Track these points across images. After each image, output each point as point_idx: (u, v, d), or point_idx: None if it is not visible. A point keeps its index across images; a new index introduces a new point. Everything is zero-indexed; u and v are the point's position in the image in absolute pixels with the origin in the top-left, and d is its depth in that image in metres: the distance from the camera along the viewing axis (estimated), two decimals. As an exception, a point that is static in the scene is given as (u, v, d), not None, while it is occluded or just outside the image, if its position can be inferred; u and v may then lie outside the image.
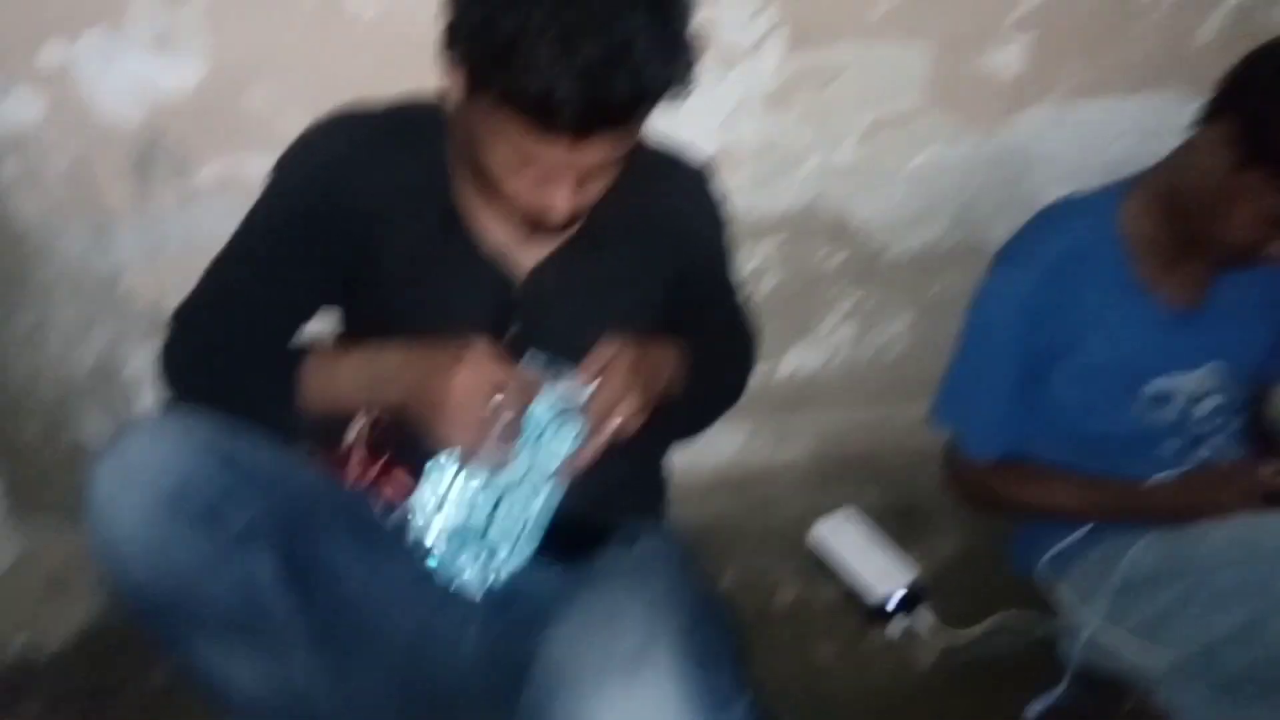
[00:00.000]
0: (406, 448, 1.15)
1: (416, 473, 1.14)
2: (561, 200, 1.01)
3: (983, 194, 1.63)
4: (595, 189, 1.04)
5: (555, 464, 1.07)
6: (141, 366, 1.51)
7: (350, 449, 1.21)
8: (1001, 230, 1.63)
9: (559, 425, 1.07)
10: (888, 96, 1.52)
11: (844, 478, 1.80)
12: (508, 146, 0.98)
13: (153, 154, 1.36)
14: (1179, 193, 1.29)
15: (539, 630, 1.04)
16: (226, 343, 1.13)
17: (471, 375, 1.02)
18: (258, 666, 1.03)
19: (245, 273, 1.16)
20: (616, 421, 1.07)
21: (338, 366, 1.10)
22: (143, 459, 0.94)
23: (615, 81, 0.92)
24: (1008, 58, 1.52)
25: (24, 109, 1.30)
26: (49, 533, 1.57)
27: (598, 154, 0.98)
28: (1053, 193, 1.53)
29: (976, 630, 1.51)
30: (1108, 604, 1.35)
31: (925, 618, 1.53)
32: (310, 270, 1.15)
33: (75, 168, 1.35)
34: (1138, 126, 1.60)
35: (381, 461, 1.16)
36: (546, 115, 0.93)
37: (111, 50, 1.28)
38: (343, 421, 1.15)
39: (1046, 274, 1.34)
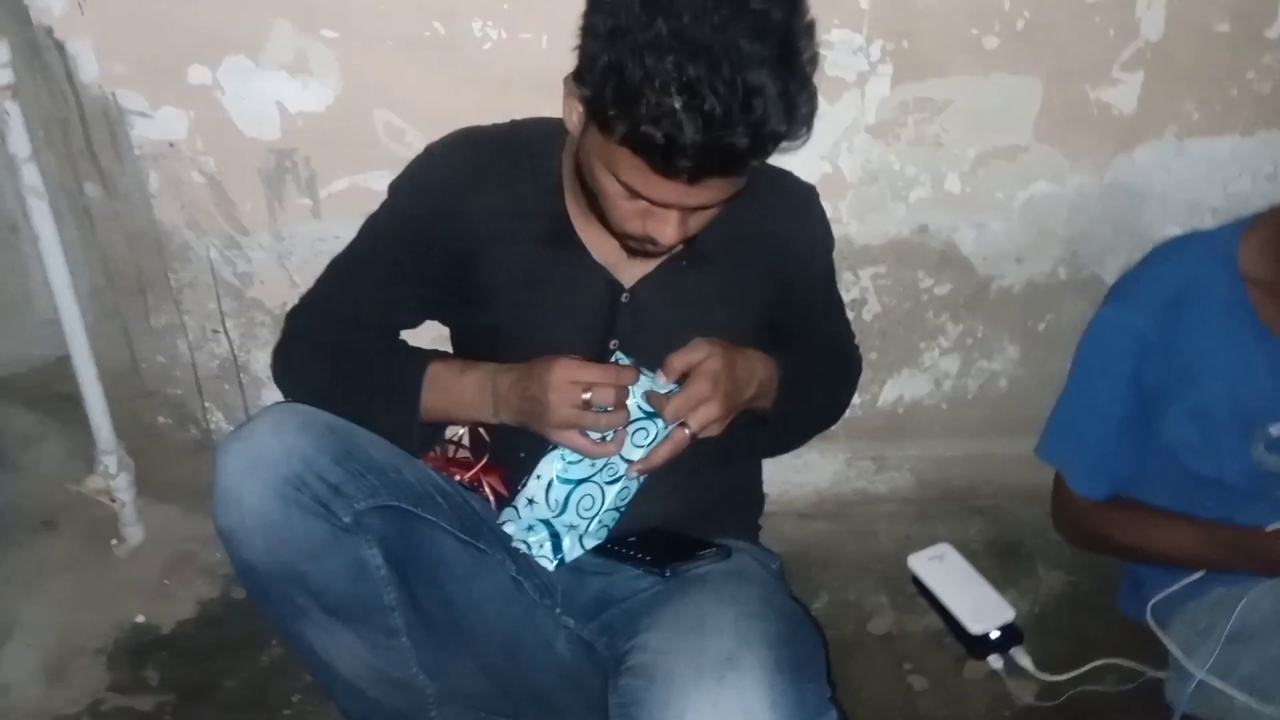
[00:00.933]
0: (505, 451, 1.20)
1: (512, 473, 1.19)
2: (668, 233, 1.04)
3: (1094, 229, 1.60)
4: (697, 225, 1.07)
5: (632, 459, 1.10)
6: (264, 366, 1.58)
7: (452, 448, 1.26)
8: (1113, 266, 1.62)
9: (641, 423, 1.09)
10: (997, 130, 1.50)
11: (943, 511, 1.78)
12: (622, 180, 1.01)
13: (284, 169, 1.44)
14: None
15: (627, 634, 1.07)
16: (337, 344, 1.19)
17: (561, 374, 1.05)
18: (359, 652, 1.08)
19: (358, 279, 1.22)
20: (696, 425, 1.08)
21: (459, 382, 1.15)
22: (266, 447, 1.00)
23: (734, 134, 0.93)
24: (1121, 94, 1.49)
25: (171, 125, 1.40)
26: (172, 517, 1.67)
27: (708, 195, 1.01)
28: (1166, 230, 1.51)
29: (1075, 674, 1.47)
30: (1216, 654, 1.29)
31: (1021, 658, 1.49)
32: (419, 280, 1.21)
33: (214, 179, 1.44)
34: (1254, 166, 1.56)
35: (481, 463, 1.22)
36: (664, 160, 0.95)
37: (251, 74, 1.36)
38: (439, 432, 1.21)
39: (1162, 311, 1.31)
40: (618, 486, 1.12)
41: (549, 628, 1.18)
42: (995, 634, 1.49)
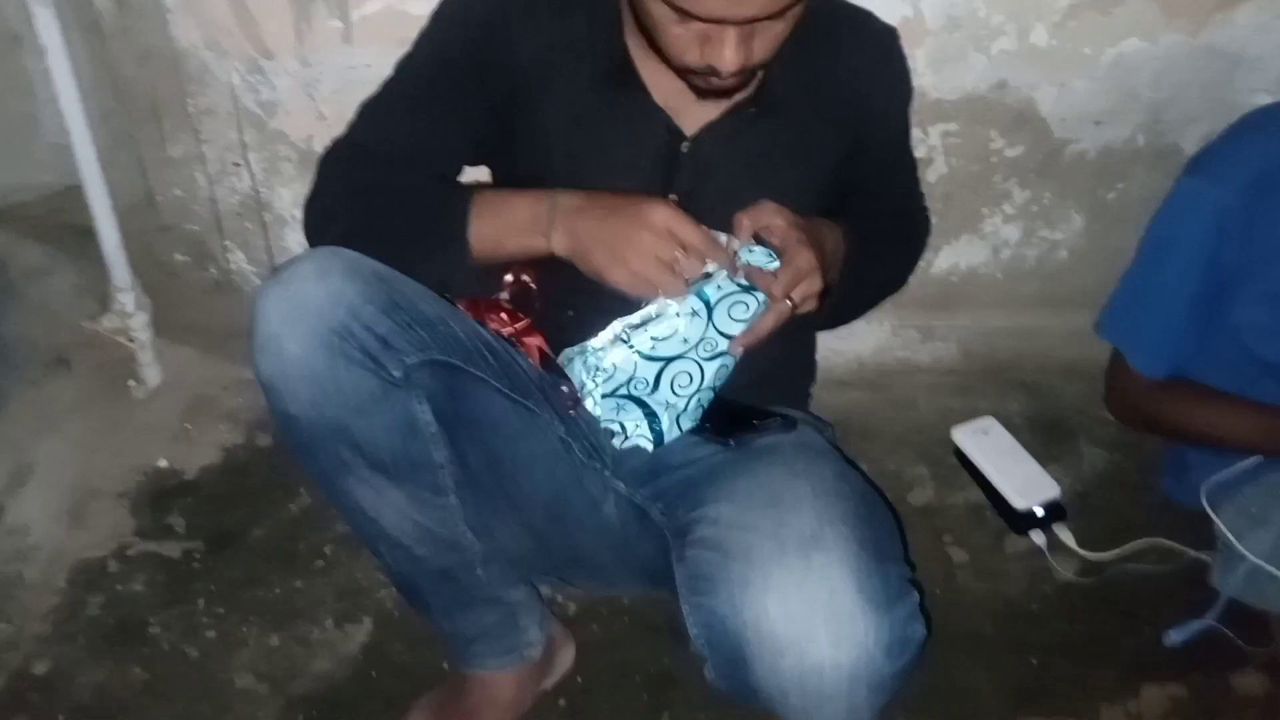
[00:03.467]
0: (554, 307, 1.13)
1: (557, 336, 1.11)
2: (728, 57, 0.94)
3: (1180, 93, 1.51)
4: (762, 49, 0.97)
5: (731, 334, 1.03)
6: (288, 203, 1.51)
7: (493, 305, 1.18)
8: (1194, 135, 1.54)
9: (739, 297, 1.02)
10: (1092, -23, 1.39)
11: (985, 383, 1.73)
12: None
13: (314, -12, 1.33)
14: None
15: (690, 503, 1.03)
16: (376, 186, 1.09)
17: (663, 218, 0.97)
18: (405, 509, 1.04)
19: (398, 116, 1.12)
20: (799, 298, 1.01)
21: (511, 202, 1.04)
22: (310, 293, 0.92)
23: None
24: (1229, -54, 1.38)
25: (189, -70, 1.28)
26: (191, 360, 1.61)
27: (758, 6, 0.90)
28: (1255, 100, 1.42)
29: (1118, 553, 1.45)
30: (1271, 541, 1.26)
31: (1064, 535, 1.47)
32: (465, 116, 1.10)
33: (238, -4, 1.32)
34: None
35: (521, 323, 1.13)
36: None
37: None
38: (489, 276, 1.12)
39: (1245, 187, 1.23)
40: (716, 364, 1.05)
41: (597, 490, 1.15)
42: (1039, 510, 1.48)
